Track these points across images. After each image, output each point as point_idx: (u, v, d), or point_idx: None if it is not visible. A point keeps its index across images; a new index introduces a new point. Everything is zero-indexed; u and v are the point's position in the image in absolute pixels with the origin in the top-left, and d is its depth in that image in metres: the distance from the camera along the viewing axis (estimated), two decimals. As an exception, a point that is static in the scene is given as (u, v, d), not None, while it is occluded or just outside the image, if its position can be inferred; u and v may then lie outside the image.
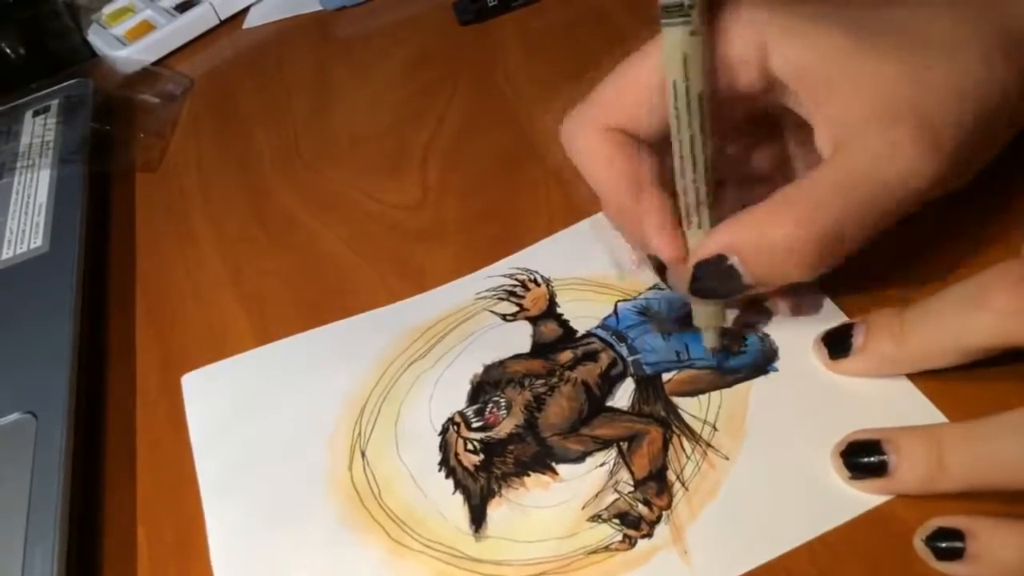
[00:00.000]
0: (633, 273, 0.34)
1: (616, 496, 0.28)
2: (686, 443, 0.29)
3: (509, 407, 0.31)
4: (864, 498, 0.26)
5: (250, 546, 0.30)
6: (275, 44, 0.56)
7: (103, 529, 0.32)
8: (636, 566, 0.27)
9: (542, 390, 0.32)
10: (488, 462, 0.30)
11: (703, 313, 0.30)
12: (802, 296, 0.31)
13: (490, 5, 0.51)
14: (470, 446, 0.31)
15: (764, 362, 0.31)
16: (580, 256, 0.36)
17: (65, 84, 0.52)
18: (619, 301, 0.34)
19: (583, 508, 0.28)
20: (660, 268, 0.30)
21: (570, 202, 0.38)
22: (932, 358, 0.28)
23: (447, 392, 0.32)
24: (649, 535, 0.27)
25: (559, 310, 0.34)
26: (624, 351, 0.32)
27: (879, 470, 0.26)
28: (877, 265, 0.31)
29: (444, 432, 0.31)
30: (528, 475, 0.29)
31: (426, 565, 0.28)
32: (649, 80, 0.29)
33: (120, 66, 0.55)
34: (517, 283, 0.36)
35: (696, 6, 0.26)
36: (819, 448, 0.28)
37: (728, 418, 0.29)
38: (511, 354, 0.33)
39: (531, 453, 0.30)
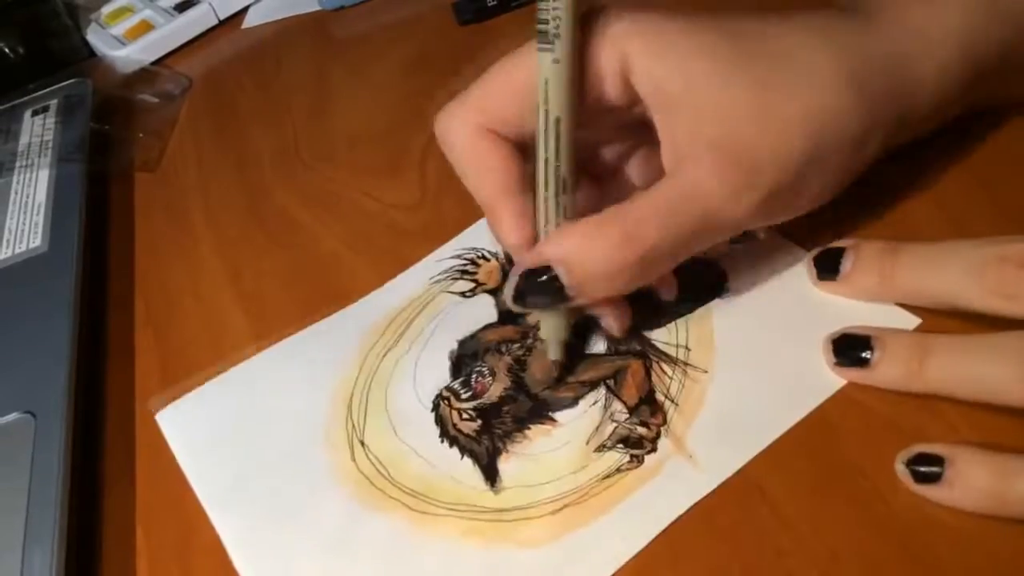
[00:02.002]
0: None
1: (615, 425, 0.30)
2: (666, 367, 0.31)
3: (493, 373, 0.33)
4: (829, 384, 0.29)
5: (269, 550, 0.30)
6: (274, 44, 0.56)
7: (102, 529, 0.32)
8: (651, 477, 0.29)
9: (520, 352, 0.33)
10: (487, 425, 0.31)
11: (548, 325, 0.31)
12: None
13: (489, 5, 0.51)
14: (466, 415, 0.32)
15: (715, 285, 0.33)
16: None
17: (64, 84, 0.52)
18: None
19: (587, 443, 0.30)
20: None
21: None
22: (914, 301, 0.30)
23: (429, 371, 0.33)
24: (654, 450, 0.29)
25: None
26: None
27: (862, 362, 0.28)
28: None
29: (436, 408, 0.32)
30: (529, 428, 0.31)
31: (453, 525, 0.29)
32: (520, 84, 0.29)
33: (119, 66, 0.55)
34: (467, 262, 0.37)
35: (560, 36, 0.26)
36: (784, 343, 0.31)
37: (698, 338, 0.32)
38: (481, 326, 0.35)
39: (527, 409, 0.32)
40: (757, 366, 0.30)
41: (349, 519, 0.30)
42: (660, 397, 0.31)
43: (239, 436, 0.33)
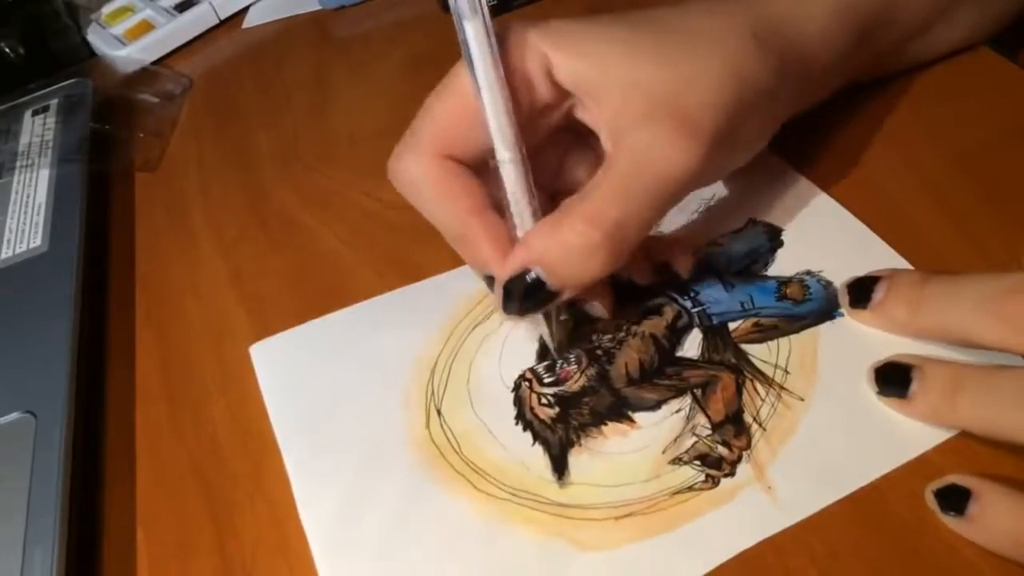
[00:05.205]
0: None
1: (695, 439, 0.29)
2: (760, 387, 0.30)
3: (579, 362, 0.32)
4: (932, 434, 0.28)
5: (341, 510, 0.30)
6: (274, 44, 0.56)
7: (103, 529, 0.32)
8: (723, 503, 0.27)
9: (610, 345, 0.32)
10: (564, 414, 0.31)
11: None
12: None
13: (489, 5, 0.51)
14: (544, 400, 0.31)
15: (830, 308, 0.32)
16: None
17: (64, 84, 0.52)
18: None
19: (663, 452, 0.29)
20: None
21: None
22: (938, 338, 0.29)
23: (515, 351, 0.33)
24: (732, 474, 0.28)
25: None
26: (688, 303, 0.33)
27: (901, 392, 0.28)
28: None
29: (517, 388, 0.32)
30: (606, 424, 0.30)
31: (515, 512, 0.29)
32: (466, 101, 0.29)
33: (119, 66, 0.55)
34: None
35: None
36: None
37: (799, 362, 0.30)
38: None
39: (607, 404, 0.31)
40: (858, 404, 0.29)
41: (414, 488, 0.30)
42: (748, 419, 0.29)
43: (323, 380, 0.34)
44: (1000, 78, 0.39)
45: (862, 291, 0.30)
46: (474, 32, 0.27)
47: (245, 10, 0.59)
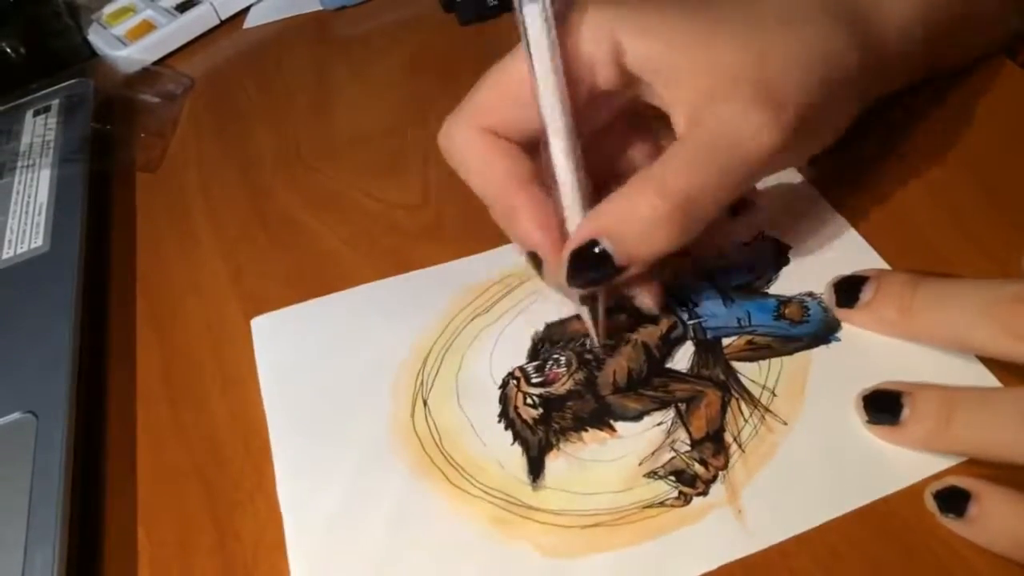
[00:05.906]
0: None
1: (673, 454, 0.29)
2: (744, 407, 0.30)
3: (569, 365, 0.32)
4: (917, 468, 0.27)
5: (313, 482, 0.30)
6: (275, 44, 0.56)
7: (104, 530, 0.32)
8: (691, 522, 0.27)
9: (601, 351, 0.32)
10: (547, 416, 0.31)
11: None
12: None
13: (490, 5, 0.51)
14: (529, 400, 0.31)
15: (826, 332, 0.31)
16: None
17: (65, 84, 0.52)
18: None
19: (640, 464, 0.29)
20: (538, 264, 0.31)
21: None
22: (932, 340, 0.29)
23: (508, 347, 0.33)
24: (704, 493, 0.28)
25: None
26: (685, 315, 0.33)
27: (892, 419, 0.27)
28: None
29: (504, 386, 0.32)
30: (586, 430, 0.30)
31: (484, 510, 0.29)
32: (520, 80, 0.29)
33: (120, 66, 0.55)
34: None
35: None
36: None
37: (788, 384, 0.30)
38: (573, 314, 0.34)
39: (589, 409, 0.31)
40: (842, 433, 0.28)
41: (388, 474, 0.30)
42: (728, 438, 0.29)
43: (317, 360, 0.34)
44: (1001, 79, 0.39)
45: (850, 291, 0.30)
46: (533, 17, 0.27)
47: (246, 10, 0.59)
